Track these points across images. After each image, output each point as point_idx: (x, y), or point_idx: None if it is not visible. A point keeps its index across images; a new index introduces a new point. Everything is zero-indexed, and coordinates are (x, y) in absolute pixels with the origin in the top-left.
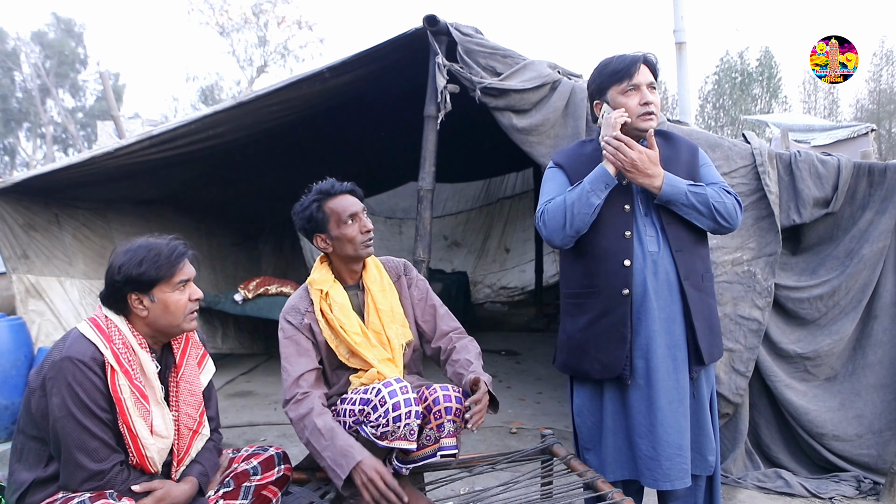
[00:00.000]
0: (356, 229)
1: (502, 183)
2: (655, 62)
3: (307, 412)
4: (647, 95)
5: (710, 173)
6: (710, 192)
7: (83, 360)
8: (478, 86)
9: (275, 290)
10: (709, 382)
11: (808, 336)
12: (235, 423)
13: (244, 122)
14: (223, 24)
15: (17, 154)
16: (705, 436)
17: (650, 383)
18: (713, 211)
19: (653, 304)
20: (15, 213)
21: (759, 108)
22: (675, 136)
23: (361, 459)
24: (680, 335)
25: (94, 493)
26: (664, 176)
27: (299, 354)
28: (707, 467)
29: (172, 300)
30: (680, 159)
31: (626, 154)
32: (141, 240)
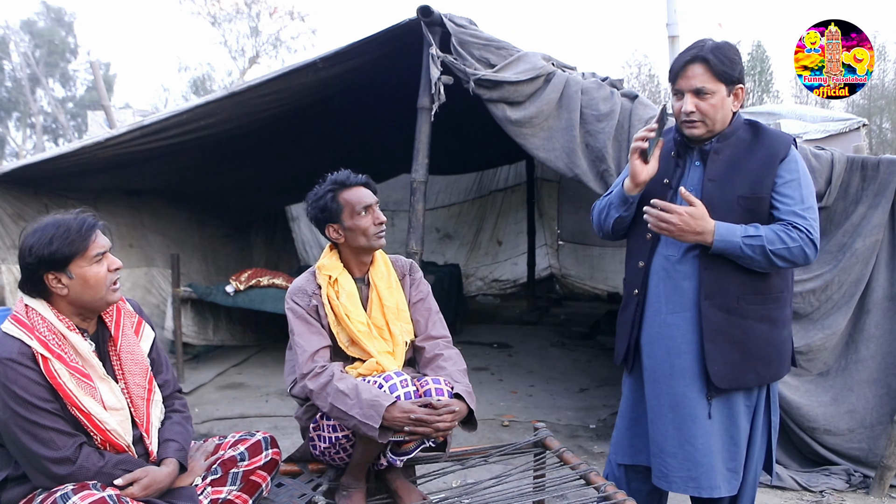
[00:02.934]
0: (369, 221)
1: (495, 175)
2: (715, 59)
3: (328, 380)
4: (687, 103)
5: (790, 193)
6: (770, 236)
7: (11, 358)
8: (472, 77)
9: (266, 281)
10: (749, 400)
11: (801, 330)
12: (227, 416)
13: (236, 113)
14: (215, 14)
15: (7, 144)
16: (738, 455)
17: (646, 381)
18: (771, 260)
19: (661, 306)
20: (4, 204)
21: (751, 102)
22: (764, 134)
23: (388, 406)
24: (686, 348)
25: (77, 486)
26: (715, 230)
27: (311, 332)
28: (734, 487)
29: (91, 274)
30: (746, 166)
31: (668, 221)
32: (48, 218)
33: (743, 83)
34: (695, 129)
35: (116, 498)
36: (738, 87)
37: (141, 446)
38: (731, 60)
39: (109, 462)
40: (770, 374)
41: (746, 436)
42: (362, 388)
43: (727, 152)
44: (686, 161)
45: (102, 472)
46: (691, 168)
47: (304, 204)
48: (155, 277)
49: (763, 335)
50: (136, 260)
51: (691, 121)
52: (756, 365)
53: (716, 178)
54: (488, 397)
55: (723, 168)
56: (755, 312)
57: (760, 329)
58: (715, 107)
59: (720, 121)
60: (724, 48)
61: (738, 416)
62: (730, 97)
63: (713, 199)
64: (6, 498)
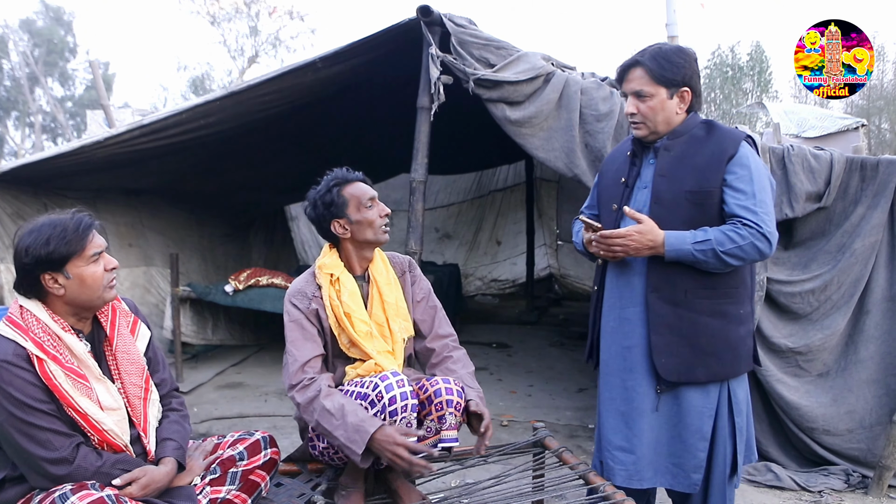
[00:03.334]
0: (375, 213)
1: (494, 175)
2: (653, 64)
3: (314, 395)
4: (628, 105)
5: (741, 187)
6: (719, 237)
7: (6, 360)
8: (471, 77)
9: (266, 281)
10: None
11: (800, 330)
12: (226, 415)
13: (236, 112)
14: (214, 13)
15: (6, 143)
16: (686, 452)
17: (601, 375)
18: (724, 261)
19: (615, 301)
20: (3, 203)
21: (750, 103)
22: (716, 131)
23: (374, 431)
24: (637, 342)
25: (76, 486)
26: (665, 242)
27: (305, 339)
28: (691, 485)
29: (88, 273)
30: (695, 162)
31: (616, 245)
32: (43, 218)
33: (690, 85)
34: (637, 129)
35: (115, 498)
36: (682, 90)
37: (139, 445)
38: (672, 64)
39: (107, 462)
40: (724, 371)
41: (702, 436)
42: (348, 410)
43: (678, 149)
44: (641, 160)
45: (100, 472)
46: (645, 166)
47: (306, 204)
48: (154, 277)
49: (714, 330)
50: (135, 259)
51: (634, 122)
52: (707, 360)
53: (665, 173)
54: (487, 397)
55: (672, 163)
56: (705, 307)
57: (711, 324)
58: (654, 109)
59: (662, 122)
60: (666, 53)
61: (687, 414)
62: (672, 99)
63: (662, 193)
64: (4, 498)
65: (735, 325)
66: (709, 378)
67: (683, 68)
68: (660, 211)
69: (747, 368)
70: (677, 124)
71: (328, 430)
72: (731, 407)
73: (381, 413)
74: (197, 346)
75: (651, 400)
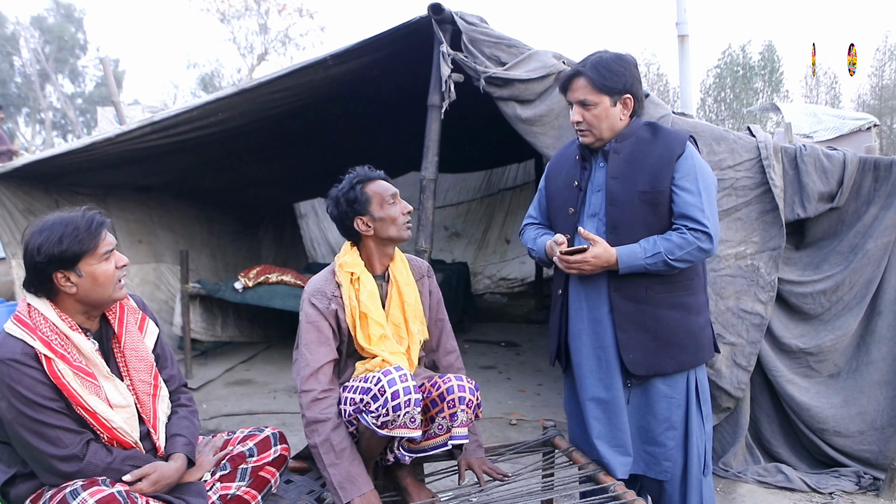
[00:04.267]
0: (398, 210)
1: (503, 174)
2: (594, 73)
3: (325, 419)
4: (574, 114)
5: (687, 186)
6: (668, 247)
7: (14, 359)
8: (482, 75)
9: (275, 278)
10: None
11: (812, 331)
12: (235, 412)
13: (246, 110)
14: (224, 10)
15: (16, 139)
16: (654, 441)
17: (577, 378)
18: (674, 266)
19: (582, 304)
20: (15, 199)
21: (761, 102)
22: (661, 133)
23: (365, 492)
24: (608, 341)
25: (87, 482)
26: (618, 259)
27: (320, 343)
28: (662, 473)
29: (100, 271)
30: (645, 162)
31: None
32: (53, 216)
33: (631, 92)
34: (584, 136)
35: (126, 494)
36: (624, 97)
37: (148, 442)
38: (613, 73)
39: (117, 458)
40: (689, 360)
41: (671, 424)
42: (347, 455)
43: (626, 151)
44: (592, 163)
45: (111, 469)
46: (596, 169)
47: (327, 202)
48: (164, 273)
49: (675, 322)
50: (145, 256)
51: (580, 129)
52: (672, 351)
53: (617, 175)
54: (496, 396)
55: (623, 166)
56: (664, 300)
57: (672, 316)
58: (598, 117)
59: (607, 129)
60: (606, 62)
61: (654, 403)
62: (616, 106)
63: (616, 194)
64: (15, 494)
65: (694, 314)
66: (675, 369)
67: (624, 76)
68: (615, 212)
69: (709, 356)
70: (621, 129)
71: (324, 461)
72: (699, 395)
73: (383, 407)
74: (206, 343)
75: (624, 394)
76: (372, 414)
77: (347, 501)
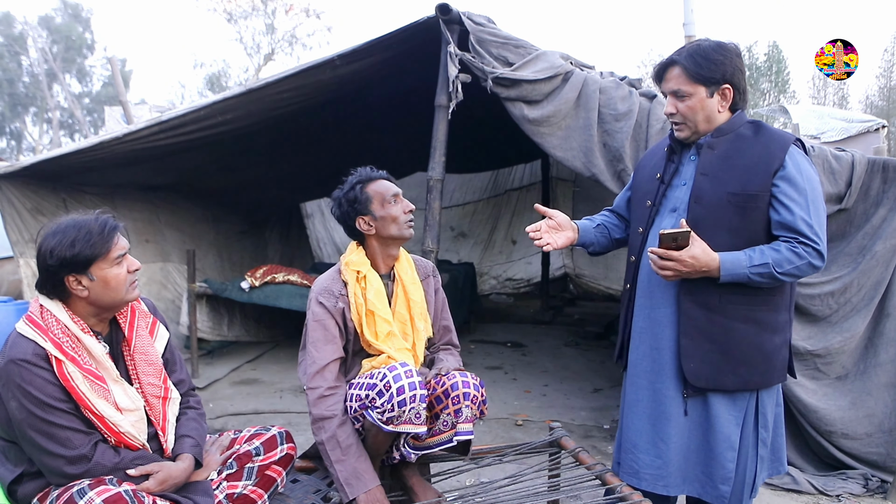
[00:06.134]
0: (399, 209)
1: (510, 174)
2: (689, 62)
3: (331, 416)
4: (668, 105)
5: (794, 197)
6: (777, 258)
7: (26, 359)
8: (490, 76)
9: (282, 278)
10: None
11: (819, 333)
12: (241, 411)
13: (253, 109)
14: (231, 10)
15: (24, 139)
16: (714, 461)
17: (628, 376)
18: (779, 279)
19: (647, 301)
20: (23, 198)
21: (768, 103)
22: (764, 132)
23: (371, 489)
24: (666, 344)
25: (94, 481)
26: (720, 266)
27: (326, 341)
28: (718, 496)
29: (112, 275)
30: (740, 162)
31: (667, 267)
32: (66, 219)
33: (731, 82)
34: (679, 130)
35: (133, 493)
36: (723, 87)
37: (155, 442)
38: (710, 61)
39: (125, 459)
40: (756, 381)
41: (731, 445)
42: (353, 451)
43: (722, 147)
44: (680, 157)
45: (117, 469)
46: (686, 162)
47: (330, 203)
48: (170, 273)
49: (747, 337)
50: (151, 255)
51: (675, 122)
52: (738, 368)
53: (707, 171)
54: (502, 396)
55: (715, 162)
56: (739, 313)
57: (744, 330)
58: (693, 108)
59: (703, 121)
60: (704, 50)
61: (716, 421)
62: (713, 97)
63: (703, 192)
64: (22, 493)
65: (769, 333)
66: (737, 387)
67: (723, 65)
68: (699, 211)
69: (780, 380)
70: (721, 122)
71: (330, 458)
72: (758, 418)
73: (389, 403)
74: (213, 343)
75: (679, 404)
76: (377, 409)
77: (353, 497)
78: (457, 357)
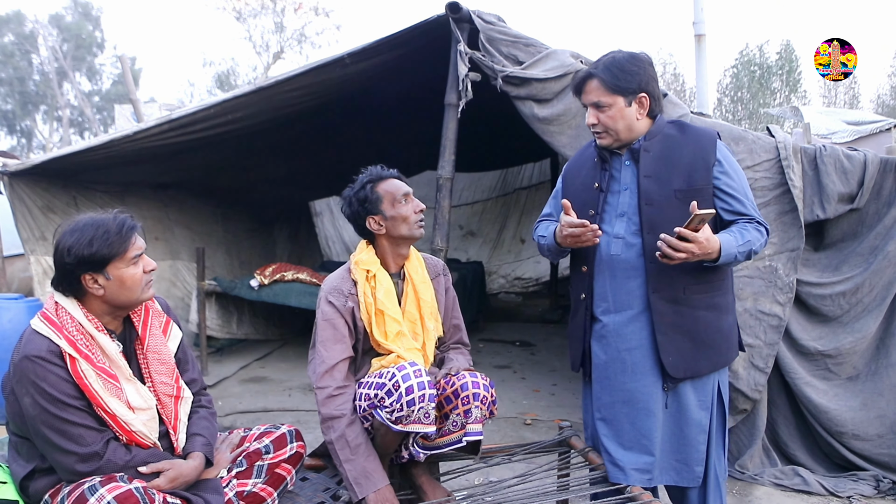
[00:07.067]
0: (410, 209)
1: (519, 173)
2: (606, 74)
3: (340, 416)
4: (588, 116)
5: (732, 185)
6: (751, 237)
7: (40, 356)
8: (500, 74)
9: (291, 276)
10: (701, 391)
11: (830, 333)
12: (250, 409)
13: (263, 108)
14: (240, 9)
15: (34, 137)
16: (689, 446)
17: (596, 380)
18: (751, 256)
19: (609, 306)
20: (34, 196)
21: (778, 102)
22: (689, 130)
23: (381, 488)
24: (637, 343)
25: (105, 478)
26: (721, 248)
27: (336, 340)
28: (694, 479)
29: (128, 275)
30: (679, 160)
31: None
32: (84, 217)
33: (647, 91)
34: (601, 139)
35: (143, 490)
36: (639, 96)
37: (166, 440)
38: (626, 72)
39: (136, 457)
40: (722, 361)
41: (702, 428)
42: (362, 451)
43: (657, 149)
44: (613, 164)
45: (129, 467)
46: (622, 168)
47: (340, 202)
48: (180, 270)
49: (710, 323)
50: (161, 253)
51: (596, 132)
52: (707, 352)
53: (651, 174)
54: (511, 395)
55: (655, 164)
56: (701, 301)
57: (707, 316)
58: (613, 118)
59: (624, 129)
60: (619, 62)
61: (688, 408)
62: (631, 106)
63: (651, 194)
64: (34, 489)
65: (725, 314)
66: (709, 370)
67: (637, 75)
68: (652, 212)
69: (735, 356)
70: (641, 128)
71: (339, 457)
72: (721, 398)
73: (398, 402)
74: (222, 340)
75: (659, 399)
76: (386, 409)
77: (363, 497)
78: (467, 356)
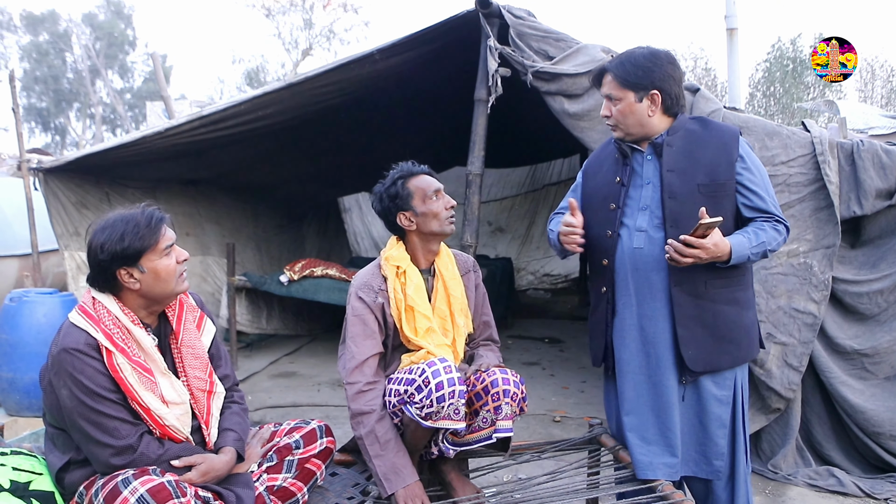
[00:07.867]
0: (440, 205)
1: (548, 169)
2: (619, 70)
3: (370, 411)
4: (602, 108)
5: (758, 182)
6: (767, 237)
7: (77, 348)
8: (530, 69)
9: (320, 272)
10: (721, 387)
11: (867, 332)
12: (280, 404)
13: (293, 104)
14: (269, 6)
15: (68, 134)
16: (708, 439)
17: (620, 374)
18: (767, 256)
19: (632, 300)
20: (67, 192)
21: (812, 97)
22: (711, 125)
23: (410, 484)
24: (660, 337)
25: (138, 471)
26: (731, 250)
27: (366, 336)
28: (713, 472)
29: (162, 266)
30: (702, 155)
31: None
32: (113, 214)
33: (661, 88)
34: (614, 131)
35: (175, 483)
36: (652, 93)
37: (198, 435)
38: (638, 68)
39: (169, 451)
40: (741, 356)
41: (722, 423)
42: (392, 446)
43: (680, 143)
44: (633, 158)
45: (162, 461)
46: (644, 162)
47: (370, 197)
48: (210, 266)
49: (731, 318)
50: (191, 248)
51: (609, 124)
52: (728, 347)
53: (674, 168)
54: (539, 392)
55: (679, 158)
56: (722, 296)
57: (728, 312)
58: (623, 112)
59: (634, 124)
60: (634, 58)
61: (707, 402)
62: (642, 102)
63: (675, 188)
64: (69, 480)
65: (746, 309)
66: (729, 365)
67: (652, 72)
68: (674, 206)
69: (756, 353)
70: (658, 125)
71: (369, 453)
72: (743, 393)
73: (427, 398)
74: (251, 336)
75: (676, 391)
76: (416, 405)
77: (392, 492)
78: (497, 353)
